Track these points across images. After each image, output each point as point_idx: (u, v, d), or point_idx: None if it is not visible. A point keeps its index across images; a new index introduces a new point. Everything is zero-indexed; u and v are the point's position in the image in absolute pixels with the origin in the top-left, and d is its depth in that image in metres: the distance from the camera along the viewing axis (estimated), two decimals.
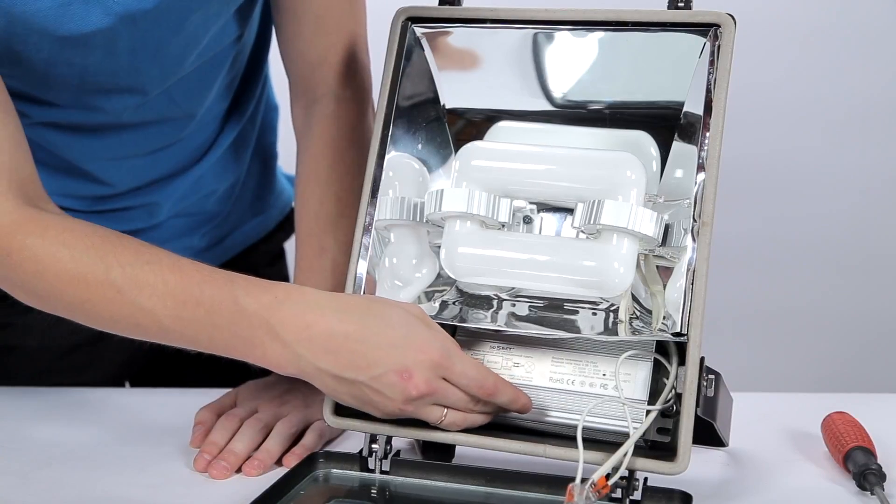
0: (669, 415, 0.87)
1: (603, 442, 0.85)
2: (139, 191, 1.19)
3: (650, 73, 0.90)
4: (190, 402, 1.06)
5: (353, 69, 1.12)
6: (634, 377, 0.87)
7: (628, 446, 0.81)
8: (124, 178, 1.17)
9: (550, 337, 0.89)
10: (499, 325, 0.90)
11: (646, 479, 0.83)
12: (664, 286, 0.86)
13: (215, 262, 1.10)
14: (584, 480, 0.78)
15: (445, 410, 0.86)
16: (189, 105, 1.14)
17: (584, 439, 0.81)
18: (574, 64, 0.91)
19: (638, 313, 0.87)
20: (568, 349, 0.90)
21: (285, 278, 1.41)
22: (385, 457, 0.90)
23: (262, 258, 1.36)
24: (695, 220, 0.84)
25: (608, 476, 0.79)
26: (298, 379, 1.03)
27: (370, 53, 1.16)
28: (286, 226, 1.38)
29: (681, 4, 0.88)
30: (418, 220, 0.91)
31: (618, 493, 0.82)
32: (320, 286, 1.09)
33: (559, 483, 0.86)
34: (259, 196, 1.33)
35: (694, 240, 0.83)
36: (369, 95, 1.15)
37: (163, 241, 1.16)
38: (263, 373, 1.08)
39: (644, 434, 0.85)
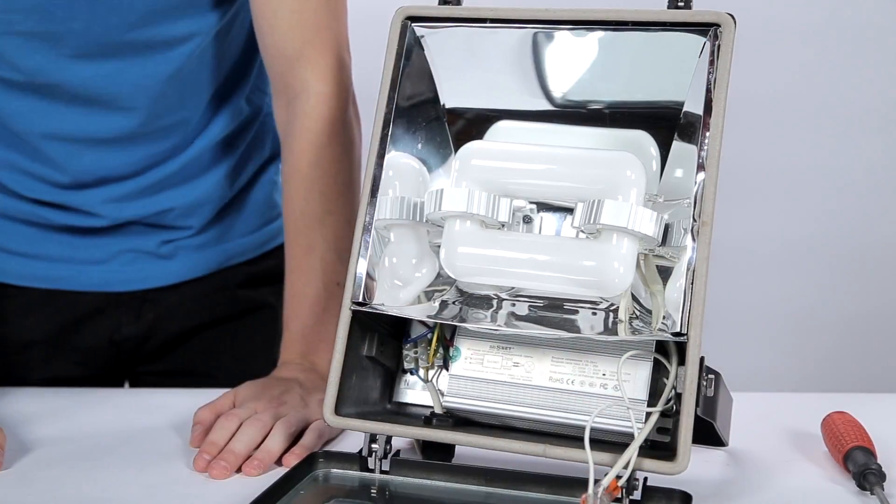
0: (669, 414, 0.87)
1: (603, 442, 0.84)
2: None
3: (650, 73, 0.90)
4: (190, 402, 1.06)
5: (331, 65, 1.12)
6: (635, 377, 0.87)
7: (633, 449, 0.81)
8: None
9: (550, 337, 0.89)
10: (498, 325, 0.90)
11: (646, 478, 0.82)
12: (664, 286, 0.86)
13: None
14: (592, 482, 0.78)
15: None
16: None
17: (581, 439, 0.81)
18: (574, 63, 0.91)
19: (638, 313, 0.87)
20: (568, 349, 0.90)
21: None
22: (385, 456, 0.90)
23: None
24: (695, 220, 0.83)
25: (617, 478, 0.80)
26: (295, 379, 1.03)
27: (370, 53, 1.16)
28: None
29: (681, 4, 0.88)
30: (418, 219, 0.91)
31: (618, 493, 0.82)
32: (310, 284, 1.09)
33: (559, 483, 0.86)
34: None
35: (694, 239, 0.83)
36: (349, 91, 1.15)
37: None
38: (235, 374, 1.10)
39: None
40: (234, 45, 1.23)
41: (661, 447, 0.87)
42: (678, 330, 0.82)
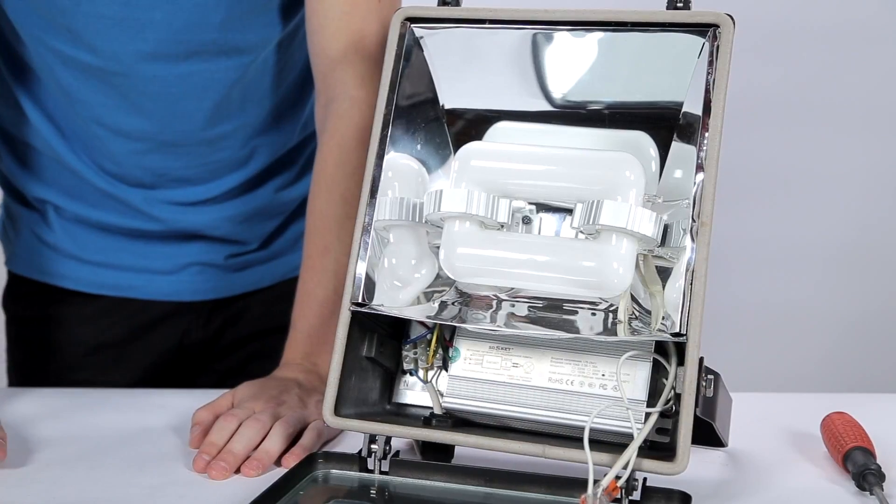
0: (669, 415, 0.87)
1: (602, 442, 0.84)
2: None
3: (649, 74, 0.90)
4: (189, 402, 1.06)
5: (371, 72, 1.11)
6: (634, 377, 0.87)
7: (633, 450, 0.81)
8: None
9: (549, 337, 0.89)
10: (498, 326, 0.90)
11: (645, 479, 0.83)
12: (663, 286, 0.86)
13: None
14: (592, 483, 0.78)
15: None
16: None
17: (581, 440, 0.81)
18: (573, 64, 0.91)
19: (637, 313, 0.87)
20: (567, 349, 0.90)
21: None
22: (384, 457, 0.90)
23: None
24: (694, 221, 0.84)
25: (616, 478, 0.80)
26: (294, 379, 1.03)
27: None
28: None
29: (679, 5, 0.88)
30: (417, 220, 0.91)
31: (617, 494, 0.82)
32: (321, 286, 1.10)
33: (558, 483, 0.87)
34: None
35: (693, 240, 0.83)
36: None
37: None
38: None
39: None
40: (295, 58, 1.26)
41: (660, 447, 0.87)
42: (677, 330, 0.82)
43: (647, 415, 0.85)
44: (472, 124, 0.95)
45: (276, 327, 1.27)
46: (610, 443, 0.85)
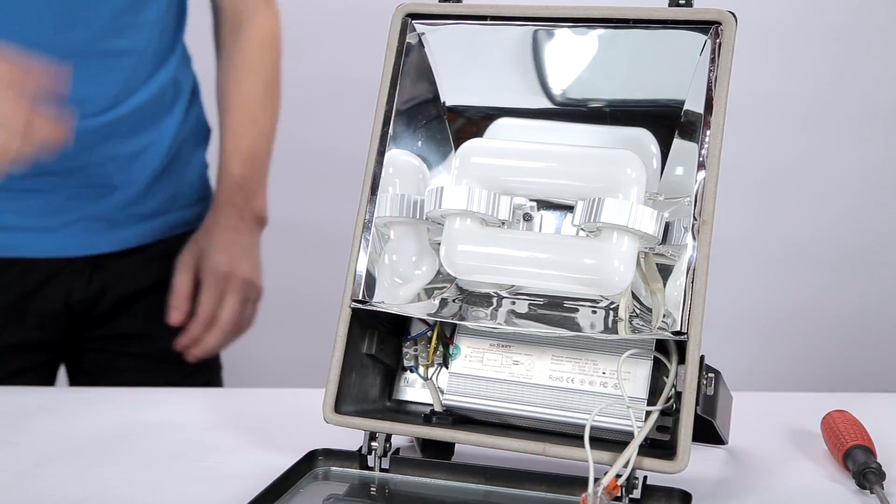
0: (669, 413, 0.87)
1: (602, 440, 0.84)
2: None
3: (651, 71, 0.90)
4: (189, 401, 1.06)
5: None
6: (635, 375, 0.87)
7: (633, 448, 0.81)
8: None
9: (550, 335, 0.89)
10: (498, 323, 0.90)
11: (645, 477, 0.82)
12: (664, 284, 0.86)
13: None
14: (594, 481, 0.78)
15: None
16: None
17: (581, 438, 0.81)
18: (574, 61, 0.91)
19: (638, 311, 0.87)
20: (568, 347, 0.90)
21: None
22: (384, 454, 0.90)
23: None
24: (695, 219, 0.83)
25: (617, 477, 0.80)
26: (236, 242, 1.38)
27: (371, 50, 1.18)
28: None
29: (682, 2, 0.88)
30: (418, 217, 0.91)
31: (618, 492, 0.82)
32: (250, 142, 1.40)
33: (559, 481, 0.86)
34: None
35: (694, 238, 0.83)
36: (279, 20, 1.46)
37: None
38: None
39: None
40: None
41: (660, 445, 0.87)
42: (678, 328, 0.82)
43: (648, 413, 0.85)
44: (474, 121, 0.94)
45: (155, 284, 1.42)
46: (610, 441, 0.84)
